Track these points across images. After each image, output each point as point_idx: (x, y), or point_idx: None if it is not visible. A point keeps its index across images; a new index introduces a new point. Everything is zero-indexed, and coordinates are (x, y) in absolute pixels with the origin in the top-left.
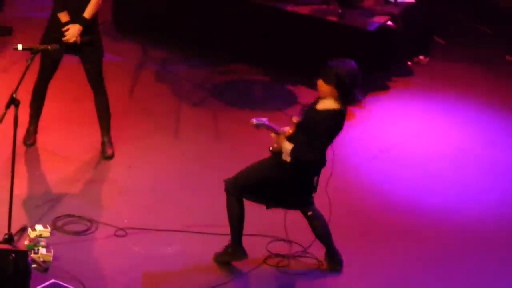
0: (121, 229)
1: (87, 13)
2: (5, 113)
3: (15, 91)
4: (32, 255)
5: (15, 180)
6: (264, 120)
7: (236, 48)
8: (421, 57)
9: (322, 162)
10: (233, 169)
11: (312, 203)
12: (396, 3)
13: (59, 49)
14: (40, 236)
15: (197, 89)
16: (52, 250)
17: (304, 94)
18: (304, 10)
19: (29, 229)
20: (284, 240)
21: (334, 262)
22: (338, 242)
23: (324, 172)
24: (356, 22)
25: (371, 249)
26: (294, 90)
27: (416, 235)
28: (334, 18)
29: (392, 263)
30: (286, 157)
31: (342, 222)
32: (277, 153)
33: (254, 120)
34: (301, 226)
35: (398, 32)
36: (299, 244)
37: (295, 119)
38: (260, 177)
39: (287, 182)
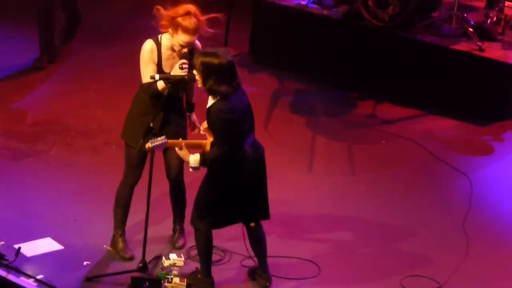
0: (250, 258)
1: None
2: (142, 142)
3: (153, 120)
4: (166, 284)
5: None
6: (162, 139)
7: (372, 80)
8: None
9: (235, 153)
10: (367, 203)
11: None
12: None
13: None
14: (173, 265)
15: (332, 122)
16: (185, 280)
17: (440, 128)
18: (443, 42)
19: (163, 258)
20: (419, 276)
21: (264, 278)
22: (475, 279)
23: (462, 208)
24: (496, 55)
25: None
26: (431, 123)
27: None
28: (473, 51)
29: None
30: (197, 166)
31: (480, 260)
32: (195, 167)
33: (149, 144)
34: (436, 262)
35: None
36: (434, 280)
37: (205, 125)
38: (206, 198)
39: (224, 189)
